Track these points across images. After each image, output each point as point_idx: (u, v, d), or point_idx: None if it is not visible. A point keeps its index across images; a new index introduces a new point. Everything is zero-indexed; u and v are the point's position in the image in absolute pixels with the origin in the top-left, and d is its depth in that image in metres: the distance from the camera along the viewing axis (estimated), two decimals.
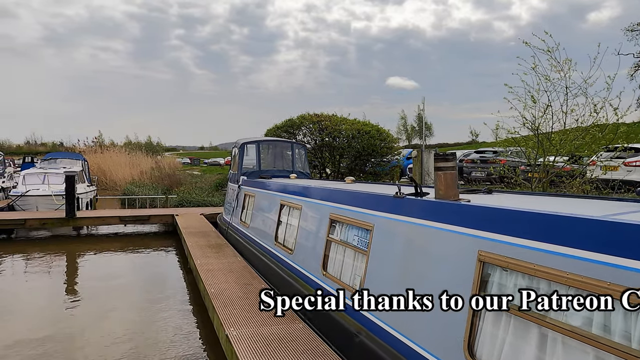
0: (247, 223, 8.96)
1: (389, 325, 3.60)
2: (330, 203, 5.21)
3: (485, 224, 2.96)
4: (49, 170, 16.53)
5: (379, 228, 4.07)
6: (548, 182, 8.70)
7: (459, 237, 3.16)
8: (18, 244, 12.78)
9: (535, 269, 2.48)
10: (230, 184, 11.43)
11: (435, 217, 3.39)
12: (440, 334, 3.08)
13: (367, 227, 4.26)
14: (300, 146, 11.28)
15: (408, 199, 3.78)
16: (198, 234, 10.72)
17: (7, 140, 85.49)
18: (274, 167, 10.88)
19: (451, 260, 3.15)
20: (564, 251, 2.35)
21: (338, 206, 5.00)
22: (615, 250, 2.12)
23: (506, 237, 2.74)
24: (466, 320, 2.85)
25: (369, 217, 4.26)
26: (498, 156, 19.47)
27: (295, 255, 5.99)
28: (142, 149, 39.25)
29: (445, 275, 3.16)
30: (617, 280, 2.08)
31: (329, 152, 14.10)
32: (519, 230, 2.67)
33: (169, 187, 21.99)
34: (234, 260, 7.90)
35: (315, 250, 5.32)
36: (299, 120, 14.27)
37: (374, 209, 4.21)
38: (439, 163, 3.54)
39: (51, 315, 7.01)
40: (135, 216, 13.63)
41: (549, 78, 8.15)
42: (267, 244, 7.33)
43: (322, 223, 5.29)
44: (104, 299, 7.63)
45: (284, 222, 6.84)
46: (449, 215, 3.28)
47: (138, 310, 7.12)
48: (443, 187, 3.51)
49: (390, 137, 14.40)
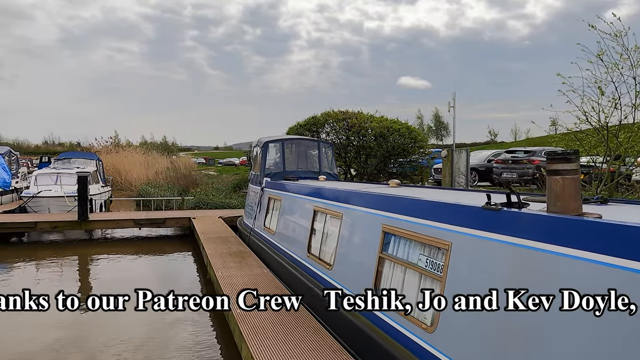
0: (272, 229, 8.11)
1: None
2: (382, 212, 4.31)
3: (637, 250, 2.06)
4: (61, 170, 15.92)
5: (460, 248, 3.16)
6: (614, 186, 7.67)
7: (594, 269, 2.25)
8: (29, 248, 12.16)
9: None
10: (252, 186, 10.60)
11: (556, 238, 2.47)
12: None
13: (440, 246, 3.36)
14: (327, 145, 10.40)
15: (508, 212, 2.86)
16: (217, 239, 9.91)
17: (25, 141, 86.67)
18: (300, 167, 10.02)
19: (587, 306, 2.23)
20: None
21: (394, 216, 4.09)
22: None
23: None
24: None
25: (443, 233, 3.34)
26: (531, 156, 18.37)
27: (335, 271, 5.11)
28: (158, 148, 38.82)
29: (579, 330, 2.25)
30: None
31: (355, 151, 13.19)
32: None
33: (184, 188, 21.30)
34: (259, 272, 7.04)
35: (363, 269, 4.42)
36: (323, 117, 13.37)
37: (451, 222, 3.30)
38: (556, 165, 2.61)
39: (59, 324, 6.31)
40: (150, 219, 12.90)
41: (618, 66, 7.12)
42: (297, 255, 6.46)
43: (372, 236, 4.40)
44: (111, 319, 6.84)
45: (318, 231, 5.96)
46: (577, 237, 2.37)
47: (151, 331, 6.31)
48: (563, 197, 2.58)
49: (421, 135, 13.43)
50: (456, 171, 14.78)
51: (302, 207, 6.74)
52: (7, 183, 16.95)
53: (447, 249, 3.25)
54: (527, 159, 18.19)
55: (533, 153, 18.33)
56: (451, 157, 14.48)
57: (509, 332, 2.65)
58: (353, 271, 4.64)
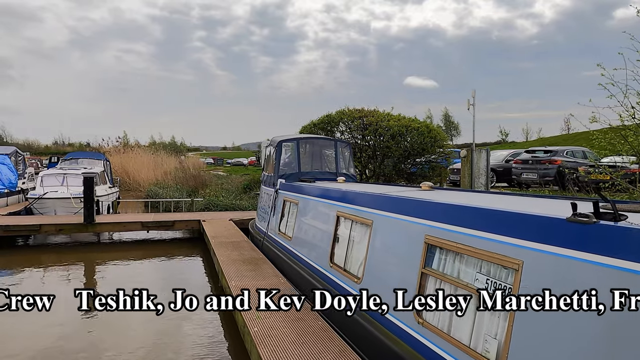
0: (288, 235, 7.55)
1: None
2: (425, 221, 3.73)
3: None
4: (68, 171, 15.48)
5: (536, 269, 2.57)
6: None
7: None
8: (33, 252, 11.72)
9: None
10: (265, 188, 10.06)
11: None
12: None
13: (507, 265, 2.77)
14: (344, 144, 9.82)
15: (609, 227, 2.27)
16: (229, 244, 9.38)
17: (36, 141, 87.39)
18: (315, 168, 9.47)
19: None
20: None
21: (441, 226, 3.51)
22: None
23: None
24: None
25: (511, 250, 2.76)
26: (553, 156, 17.65)
27: (365, 284, 4.54)
28: (166, 148, 38.47)
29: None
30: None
31: (372, 151, 12.60)
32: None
33: (194, 189, 20.83)
34: (276, 282, 6.49)
35: (402, 284, 3.85)
36: (338, 116, 12.78)
37: (522, 236, 2.71)
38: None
39: (62, 335, 5.82)
40: (159, 222, 12.41)
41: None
42: (318, 264, 5.90)
43: (411, 248, 3.82)
44: (117, 327, 6.34)
45: (343, 240, 5.39)
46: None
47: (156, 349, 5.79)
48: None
49: (441, 134, 12.78)
50: (476, 171, 14.18)
51: (323, 211, 6.17)
52: (13, 184, 16.57)
53: (518, 269, 2.67)
54: (548, 159, 17.49)
55: (555, 153, 17.61)
56: (471, 157, 13.86)
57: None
58: (388, 286, 4.06)
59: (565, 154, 17.81)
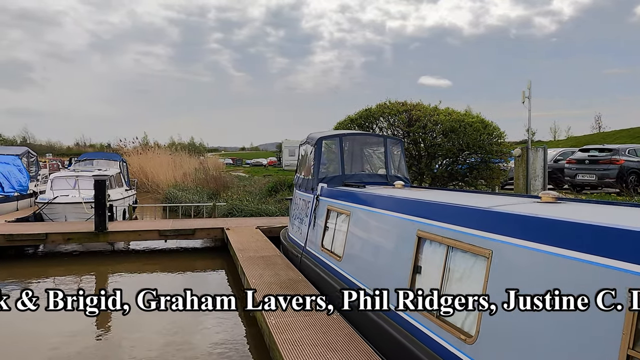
0: (337, 254, 6.05)
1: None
2: (591, 257, 2.18)
3: None
4: (80, 173, 14.26)
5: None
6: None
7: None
8: (40, 263, 10.51)
9: None
10: (300, 192, 8.58)
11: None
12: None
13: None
14: (395, 141, 8.26)
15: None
16: (259, 260, 7.93)
17: (58, 142, 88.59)
18: (362, 170, 7.97)
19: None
20: None
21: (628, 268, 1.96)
22: None
23: None
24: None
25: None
26: (614, 155, 15.76)
27: (481, 348, 3.01)
28: (186, 149, 37.45)
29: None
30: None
31: (417, 149, 11.02)
32: None
33: (215, 191, 19.54)
34: (327, 321, 4.98)
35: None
36: (379, 110, 11.24)
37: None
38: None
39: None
40: (178, 230, 11.06)
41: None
42: (391, 303, 4.38)
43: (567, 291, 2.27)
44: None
45: (431, 270, 3.86)
46: None
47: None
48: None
49: (497, 130, 11.13)
50: (532, 172, 12.51)
51: (393, 229, 4.65)
52: (24, 187, 15.49)
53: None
54: (608, 158, 15.61)
55: (616, 151, 15.72)
56: (526, 157, 12.19)
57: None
58: (519, 348, 2.51)
59: (628, 152, 15.91)
